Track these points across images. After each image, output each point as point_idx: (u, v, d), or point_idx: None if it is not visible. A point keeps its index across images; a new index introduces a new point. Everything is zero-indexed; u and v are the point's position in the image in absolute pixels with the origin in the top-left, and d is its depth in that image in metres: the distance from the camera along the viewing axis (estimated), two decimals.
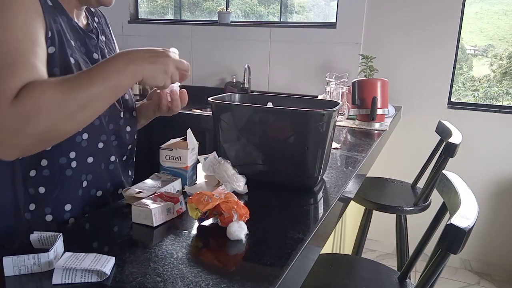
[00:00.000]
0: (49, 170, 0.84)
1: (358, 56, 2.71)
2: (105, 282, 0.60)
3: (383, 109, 1.90)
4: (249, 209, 0.80)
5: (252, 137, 1.03)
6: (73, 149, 0.86)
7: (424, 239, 1.13)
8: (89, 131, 0.88)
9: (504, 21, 3.88)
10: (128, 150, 1.04)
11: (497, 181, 2.68)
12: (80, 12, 0.94)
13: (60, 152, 0.84)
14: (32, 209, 0.85)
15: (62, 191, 0.87)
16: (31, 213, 0.85)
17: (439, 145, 1.90)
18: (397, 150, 2.79)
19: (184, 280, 0.61)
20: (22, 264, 0.61)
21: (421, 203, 1.84)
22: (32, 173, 0.84)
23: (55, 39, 0.81)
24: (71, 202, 0.89)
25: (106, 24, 1.06)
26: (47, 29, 0.80)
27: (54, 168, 0.85)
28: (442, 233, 0.75)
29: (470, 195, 0.91)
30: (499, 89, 3.97)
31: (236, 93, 1.21)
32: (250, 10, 3.58)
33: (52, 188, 0.86)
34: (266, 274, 0.63)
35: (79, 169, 0.88)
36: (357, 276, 1.24)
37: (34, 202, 0.85)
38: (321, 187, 1.05)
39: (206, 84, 3.22)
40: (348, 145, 1.59)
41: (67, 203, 0.88)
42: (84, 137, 0.87)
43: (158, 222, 0.79)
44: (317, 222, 0.83)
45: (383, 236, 2.97)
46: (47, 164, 0.84)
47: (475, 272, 2.82)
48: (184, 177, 0.97)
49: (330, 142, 1.04)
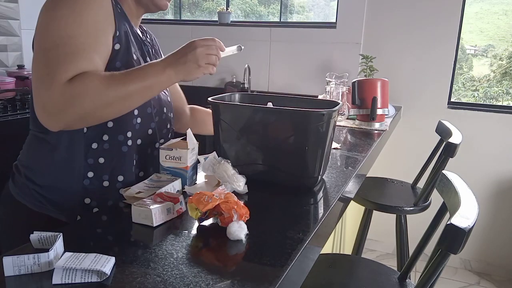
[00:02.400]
0: (109, 144, 0.96)
1: (358, 56, 2.71)
2: (105, 282, 0.60)
3: (383, 109, 1.90)
4: (249, 209, 0.80)
5: (252, 137, 1.03)
6: (129, 129, 0.98)
7: (424, 239, 1.13)
8: (142, 116, 1.01)
9: (504, 21, 3.88)
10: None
11: (497, 181, 2.68)
12: (138, 22, 1.08)
13: (120, 131, 0.97)
14: (91, 176, 0.97)
15: (118, 164, 0.98)
16: (90, 180, 0.97)
17: (439, 145, 1.90)
18: (397, 150, 2.79)
19: (184, 280, 0.61)
20: (22, 264, 0.61)
21: (421, 203, 1.84)
22: (94, 146, 0.95)
23: (122, 38, 0.94)
24: (124, 174, 0.99)
25: (156, 42, 1.19)
26: (116, 29, 0.92)
27: (113, 143, 0.97)
28: (442, 233, 0.75)
29: (470, 195, 0.91)
30: (499, 89, 3.97)
31: (236, 93, 1.21)
32: (250, 10, 3.58)
33: (110, 159, 0.97)
34: (266, 274, 0.63)
35: (133, 147, 1.00)
36: (357, 276, 1.24)
37: (93, 171, 0.96)
38: (321, 187, 1.05)
39: (206, 84, 3.22)
40: (348, 145, 1.59)
41: (120, 174, 0.99)
42: (138, 121, 1.00)
43: (158, 222, 0.79)
44: (317, 222, 0.83)
45: (383, 236, 2.97)
46: (108, 139, 0.96)
47: (475, 272, 2.82)
48: (184, 177, 0.97)
49: (330, 142, 1.04)
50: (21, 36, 2.71)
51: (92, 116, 0.84)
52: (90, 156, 0.96)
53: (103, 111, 0.84)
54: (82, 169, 0.96)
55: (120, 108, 0.87)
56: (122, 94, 0.84)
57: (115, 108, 0.85)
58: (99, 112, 0.84)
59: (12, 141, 1.56)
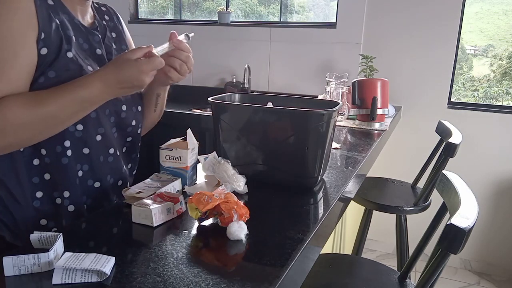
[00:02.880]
0: (49, 158, 0.88)
1: (358, 56, 2.71)
2: (105, 282, 0.60)
3: (383, 109, 1.90)
4: (249, 209, 0.80)
5: (252, 137, 1.03)
6: (67, 138, 0.88)
7: (424, 239, 1.13)
8: (84, 122, 0.89)
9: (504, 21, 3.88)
10: (128, 142, 1.05)
11: (497, 181, 2.68)
12: (85, 9, 0.95)
13: (56, 141, 0.87)
14: (40, 196, 0.89)
15: (59, 178, 0.90)
16: (39, 200, 0.89)
17: (439, 145, 1.90)
18: (397, 150, 2.79)
19: (184, 280, 0.61)
20: (22, 264, 0.61)
21: (421, 203, 1.84)
22: (36, 162, 0.87)
23: (49, 40, 0.82)
24: (69, 189, 0.91)
25: (119, 22, 1.09)
26: (40, 31, 0.81)
27: (52, 155, 0.88)
28: (442, 233, 0.75)
29: (470, 195, 0.91)
30: (499, 89, 3.97)
31: (236, 93, 1.21)
32: (250, 10, 3.58)
33: (55, 174, 0.89)
34: (266, 274, 0.63)
35: (74, 158, 0.90)
36: (357, 276, 1.24)
37: (41, 190, 0.89)
38: (321, 187, 1.05)
39: (206, 84, 3.22)
40: (348, 145, 1.59)
41: (65, 190, 0.91)
42: (78, 128, 0.89)
43: (158, 222, 0.79)
44: (317, 222, 0.83)
45: (383, 236, 2.97)
46: (46, 153, 0.87)
47: (475, 272, 2.82)
48: (184, 177, 0.97)
49: (330, 142, 1.04)
50: None
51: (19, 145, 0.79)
52: (34, 175, 0.88)
53: (31, 139, 0.79)
54: (29, 190, 0.88)
55: (51, 131, 0.81)
56: (50, 117, 0.77)
57: (45, 132, 0.80)
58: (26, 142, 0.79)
59: None
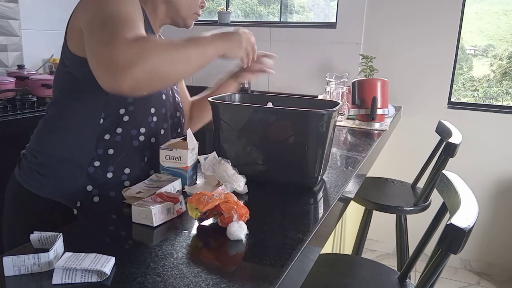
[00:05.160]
0: (121, 137, 1.01)
1: (358, 56, 2.71)
2: (105, 282, 0.60)
3: (383, 109, 1.90)
4: (249, 209, 0.80)
5: (252, 137, 1.03)
6: (144, 125, 1.03)
7: (424, 239, 1.13)
8: (158, 116, 1.05)
9: (504, 21, 3.88)
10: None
11: (497, 181, 2.68)
12: (159, 30, 1.14)
13: (134, 125, 1.02)
14: (97, 165, 1.00)
15: (127, 157, 1.02)
16: (95, 168, 1.00)
17: (439, 145, 1.90)
18: (397, 150, 2.79)
19: (184, 280, 0.61)
20: (22, 264, 0.61)
21: (421, 203, 1.84)
22: (107, 137, 1.00)
23: None
24: (131, 167, 1.03)
25: None
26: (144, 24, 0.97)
27: (125, 136, 1.01)
28: (442, 233, 0.75)
29: (470, 195, 0.91)
30: (499, 89, 3.97)
31: (236, 93, 1.21)
32: (250, 10, 3.58)
33: (119, 152, 1.01)
34: (266, 274, 0.63)
35: (144, 143, 1.04)
36: (357, 276, 1.24)
37: (100, 160, 1.00)
38: (321, 187, 1.05)
39: (206, 84, 3.21)
40: (348, 145, 1.59)
41: (126, 167, 1.02)
42: (153, 119, 1.05)
43: (158, 222, 0.79)
44: (317, 222, 0.83)
45: (383, 236, 2.97)
46: (121, 132, 1.01)
47: (475, 272, 2.82)
48: (184, 177, 0.97)
49: (330, 142, 1.04)
50: (21, 36, 2.71)
51: (158, 74, 0.83)
52: (100, 146, 1.00)
53: (169, 69, 0.84)
54: (90, 157, 0.99)
55: (181, 69, 0.88)
56: (181, 55, 0.87)
57: (178, 68, 0.86)
58: (165, 69, 0.83)
59: (12, 141, 1.56)
